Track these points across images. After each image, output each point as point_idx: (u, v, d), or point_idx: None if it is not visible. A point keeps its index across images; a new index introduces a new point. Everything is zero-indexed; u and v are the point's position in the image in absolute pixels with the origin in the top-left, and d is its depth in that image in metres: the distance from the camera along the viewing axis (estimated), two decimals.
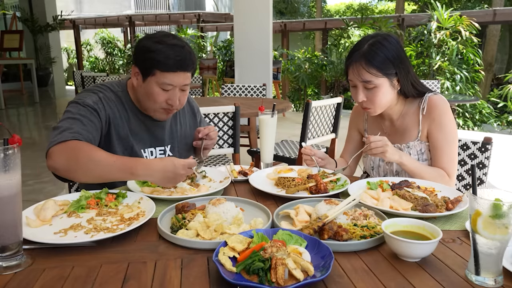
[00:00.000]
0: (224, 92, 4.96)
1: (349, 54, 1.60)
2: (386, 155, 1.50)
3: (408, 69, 1.59)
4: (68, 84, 15.75)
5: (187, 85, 1.58)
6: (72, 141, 1.38)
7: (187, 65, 1.54)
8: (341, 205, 1.14)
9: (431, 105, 1.62)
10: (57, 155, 1.36)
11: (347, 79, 1.63)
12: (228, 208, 1.17)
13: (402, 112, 1.70)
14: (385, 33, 1.60)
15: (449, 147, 1.61)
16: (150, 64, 1.52)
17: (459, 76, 7.44)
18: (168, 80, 1.52)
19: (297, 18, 21.94)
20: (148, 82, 1.55)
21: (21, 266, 0.94)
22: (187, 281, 0.88)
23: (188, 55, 1.54)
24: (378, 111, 1.63)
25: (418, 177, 1.56)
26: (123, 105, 1.63)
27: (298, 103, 10.37)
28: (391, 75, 1.55)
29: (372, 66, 1.52)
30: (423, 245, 0.94)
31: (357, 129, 1.92)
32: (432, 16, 7.75)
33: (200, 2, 22.49)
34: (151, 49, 1.51)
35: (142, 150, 1.68)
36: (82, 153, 1.36)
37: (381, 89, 1.56)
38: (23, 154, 0.99)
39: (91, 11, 20.62)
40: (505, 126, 7.81)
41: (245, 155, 3.91)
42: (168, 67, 1.50)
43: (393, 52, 1.53)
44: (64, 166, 1.35)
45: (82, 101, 1.52)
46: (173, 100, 1.56)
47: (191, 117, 1.90)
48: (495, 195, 0.87)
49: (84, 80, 7.95)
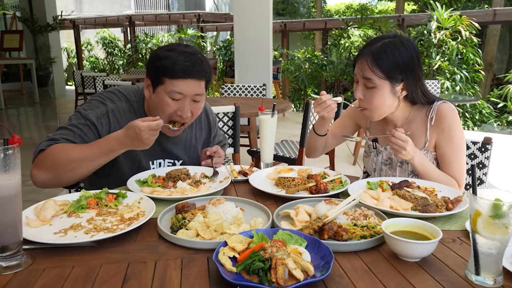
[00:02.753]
0: (224, 92, 4.97)
1: (362, 47, 1.55)
2: (400, 155, 1.46)
3: (419, 77, 1.52)
4: (68, 84, 15.75)
5: (199, 95, 1.50)
6: (47, 149, 1.39)
7: (197, 72, 1.46)
8: (341, 205, 1.14)
9: (440, 115, 1.56)
10: (36, 169, 1.39)
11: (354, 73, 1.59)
12: (228, 208, 1.17)
13: (407, 119, 1.63)
14: (405, 38, 1.53)
15: (459, 158, 1.57)
16: (159, 72, 1.46)
17: (459, 76, 7.44)
18: (177, 88, 1.44)
19: (296, 18, 21.94)
20: (158, 93, 1.48)
21: (21, 266, 0.94)
22: (187, 281, 0.88)
23: (198, 61, 1.47)
24: (374, 115, 1.57)
25: (426, 177, 1.52)
26: (136, 116, 1.56)
27: (298, 103, 10.37)
28: (395, 80, 1.49)
29: (376, 66, 1.47)
30: (423, 245, 0.94)
31: (357, 122, 1.85)
32: (432, 16, 7.76)
33: (200, 2, 22.49)
34: (160, 57, 1.46)
35: (150, 162, 1.64)
36: (58, 158, 1.37)
37: (380, 91, 1.50)
38: (23, 154, 0.99)
39: (91, 11, 20.61)
40: (505, 126, 7.81)
41: (245, 155, 3.91)
42: (176, 73, 1.44)
43: (405, 58, 1.47)
44: (48, 177, 1.39)
45: (85, 114, 1.50)
46: (184, 112, 1.47)
47: (207, 131, 1.82)
48: (495, 195, 0.87)
49: (84, 80, 7.95)
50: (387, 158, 1.71)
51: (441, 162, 1.60)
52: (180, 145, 1.70)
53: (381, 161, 1.72)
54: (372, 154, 1.75)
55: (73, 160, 1.37)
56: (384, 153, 1.71)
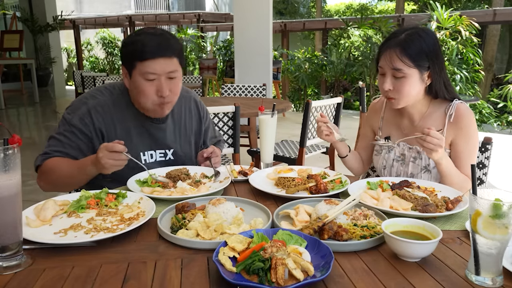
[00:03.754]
0: (224, 92, 4.97)
1: (384, 41, 1.59)
2: (433, 154, 1.46)
3: (442, 66, 1.57)
4: (68, 84, 15.75)
5: (173, 72, 1.52)
6: (43, 164, 1.52)
7: (165, 49, 1.48)
8: (341, 205, 1.14)
9: (459, 114, 1.58)
10: (40, 182, 1.56)
11: (377, 67, 1.61)
12: (228, 208, 1.17)
13: (425, 114, 1.65)
14: (425, 27, 1.59)
15: (472, 158, 1.60)
16: (130, 57, 1.50)
17: (459, 76, 7.43)
18: (149, 69, 1.47)
19: (296, 18, 21.94)
20: (134, 78, 1.52)
21: (21, 266, 0.94)
22: (187, 281, 0.88)
23: (165, 40, 1.49)
24: (402, 103, 1.59)
25: (448, 180, 1.53)
26: (121, 108, 1.60)
27: (298, 103, 10.37)
28: (423, 67, 1.53)
29: (405, 55, 1.51)
30: (423, 245, 0.94)
31: (371, 127, 1.86)
32: (432, 16, 7.75)
33: (200, 2, 22.49)
34: (129, 42, 1.51)
35: (141, 153, 1.65)
36: (52, 174, 1.49)
37: (409, 79, 1.53)
38: (23, 154, 0.99)
39: (91, 11, 20.62)
40: (505, 126, 7.81)
41: (245, 155, 3.91)
42: (144, 55, 1.46)
43: (430, 45, 1.52)
44: (50, 187, 1.56)
45: (69, 119, 1.56)
46: (162, 91, 1.50)
47: (197, 121, 1.84)
48: (495, 195, 0.87)
49: (84, 80, 7.95)
50: (400, 154, 1.71)
51: (455, 160, 1.61)
52: (169, 133, 1.72)
53: (393, 157, 1.72)
54: (383, 151, 1.74)
55: (63, 177, 1.46)
56: (397, 149, 1.71)
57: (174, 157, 1.73)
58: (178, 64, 1.53)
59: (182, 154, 1.76)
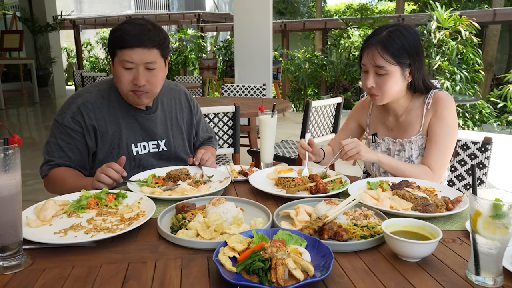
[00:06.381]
0: (224, 92, 4.97)
1: (366, 39, 1.60)
2: (362, 154, 1.53)
3: (422, 63, 1.60)
4: (68, 84, 15.75)
5: (152, 63, 1.52)
6: (49, 174, 1.58)
7: (145, 40, 1.49)
8: (341, 205, 1.14)
9: (435, 99, 1.63)
10: (47, 188, 1.63)
11: (360, 64, 1.63)
12: (228, 208, 1.17)
13: (407, 108, 1.69)
14: (406, 24, 1.61)
15: (445, 142, 1.60)
16: (112, 45, 1.53)
17: (459, 76, 7.44)
18: (127, 57, 1.49)
19: (297, 18, 21.94)
20: (114, 65, 1.55)
21: (21, 266, 0.94)
22: (187, 281, 0.88)
23: (146, 31, 1.50)
24: (385, 100, 1.62)
25: (399, 173, 1.57)
26: (110, 102, 1.63)
27: (298, 103, 10.37)
28: (404, 64, 1.55)
29: (387, 52, 1.53)
30: (423, 245, 0.94)
31: (358, 122, 1.91)
32: (432, 16, 7.75)
33: (200, 2, 22.49)
34: (113, 31, 1.53)
35: (133, 145, 1.66)
36: (58, 185, 1.56)
37: (392, 77, 1.55)
38: (23, 154, 0.99)
39: (91, 11, 20.62)
40: (505, 126, 7.81)
41: (245, 155, 3.91)
42: (124, 43, 1.48)
43: (411, 42, 1.54)
44: (56, 193, 1.56)
45: (61, 121, 1.58)
46: (138, 79, 1.51)
47: (188, 113, 1.86)
48: (495, 195, 0.87)
49: (84, 80, 7.95)
50: (386, 148, 1.76)
51: (428, 144, 1.63)
52: (160, 123, 1.73)
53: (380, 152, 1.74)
54: (371, 148, 1.79)
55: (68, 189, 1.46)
56: (382, 144, 1.77)
57: (167, 147, 1.75)
58: (158, 56, 1.54)
59: (175, 144, 1.78)
